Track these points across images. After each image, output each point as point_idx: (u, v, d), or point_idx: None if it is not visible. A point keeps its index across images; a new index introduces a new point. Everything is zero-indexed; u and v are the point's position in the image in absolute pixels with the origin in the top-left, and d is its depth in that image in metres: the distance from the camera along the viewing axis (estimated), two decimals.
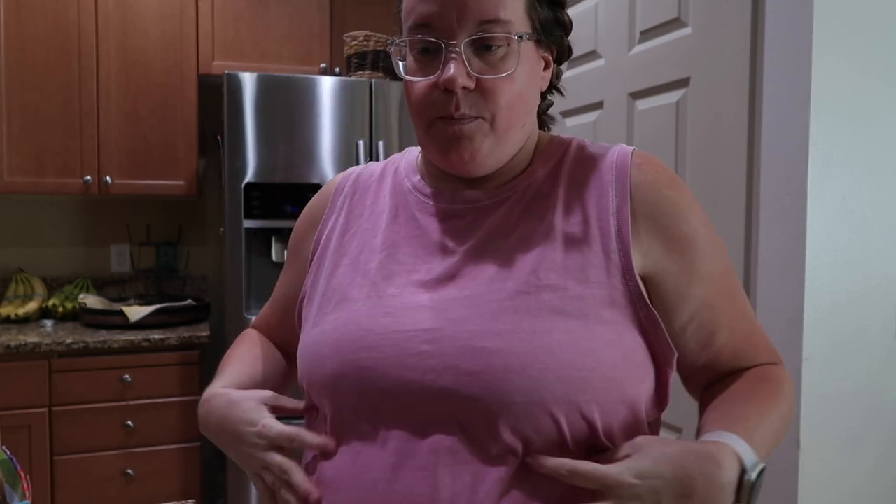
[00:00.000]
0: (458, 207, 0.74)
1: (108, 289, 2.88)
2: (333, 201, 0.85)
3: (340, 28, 2.77)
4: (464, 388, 0.64)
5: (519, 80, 0.69)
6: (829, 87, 1.20)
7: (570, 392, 0.63)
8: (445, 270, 0.71)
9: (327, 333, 0.72)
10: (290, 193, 2.35)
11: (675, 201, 0.71)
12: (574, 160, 0.75)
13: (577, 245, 0.69)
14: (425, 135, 0.72)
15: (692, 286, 0.71)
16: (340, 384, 0.69)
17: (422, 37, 0.68)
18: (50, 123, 2.51)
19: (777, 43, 1.27)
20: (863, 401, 1.26)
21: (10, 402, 2.24)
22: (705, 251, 0.72)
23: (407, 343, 0.67)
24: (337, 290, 0.75)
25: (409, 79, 0.71)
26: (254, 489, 2.34)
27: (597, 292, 0.66)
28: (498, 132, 0.70)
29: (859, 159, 1.23)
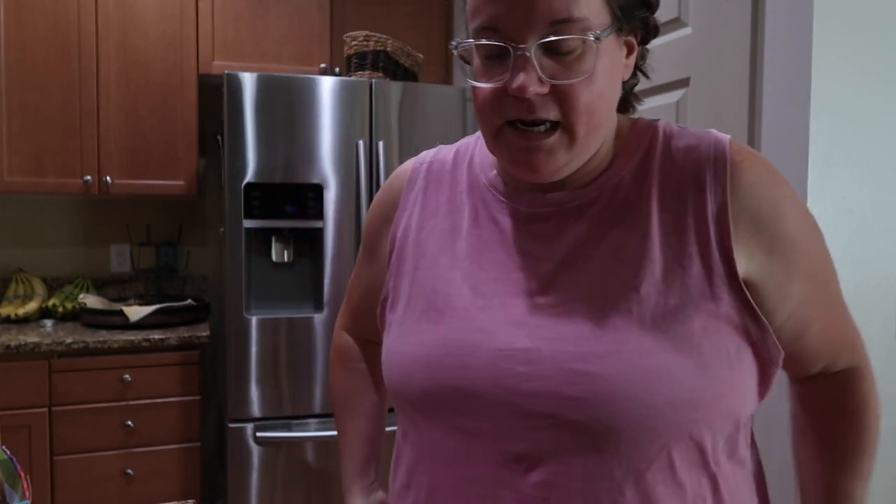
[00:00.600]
0: (542, 211, 0.69)
1: (108, 289, 2.88)
2: (406, 196, 0.79)
3: (340, 28, 2.77)
4: (566, 414, 0.60)
5: (598, 79, 0.62)
6: (829, 87, 1.20)
7: (679, 415, 0.60)
8: (535, 282, 0.66)
9: (415, 347, 0.69)
10: (290, 193, 2.35)
11: (778, 200, 0.66)
12: (664, 154, 0.68)
13: (676, 255, 0.64)
14: (493, 142, 0.66)
15: (792, 284, 0.67)
16: (431, 403, 0.67)
17: (486, 42, 0.62)
18: (50, 123, 2.51)
19: (777, 43, 1.27)
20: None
21: (10, 402, 2.24)
22: (805, 247, 0.68)
23: (503, 363, 0.63)
24: (421, 296, 0.72)
25: (475, 84, 0.64)
26: (254, 489, 2.34)
27: (701, 307, 0.62)
28: (578, 140, 0.63)
29: (859, 159, 1.23)
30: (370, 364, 0.94)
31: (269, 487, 2.36)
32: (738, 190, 0.64)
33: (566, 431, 0.61)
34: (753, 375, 0.66)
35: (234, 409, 2.33)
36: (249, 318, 2.32)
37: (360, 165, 2.36)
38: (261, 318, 2.33)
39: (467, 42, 0.65)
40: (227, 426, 2.34)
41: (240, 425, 2.34)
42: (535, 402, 0.61)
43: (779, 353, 0.66)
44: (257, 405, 2.34)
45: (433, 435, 0.68)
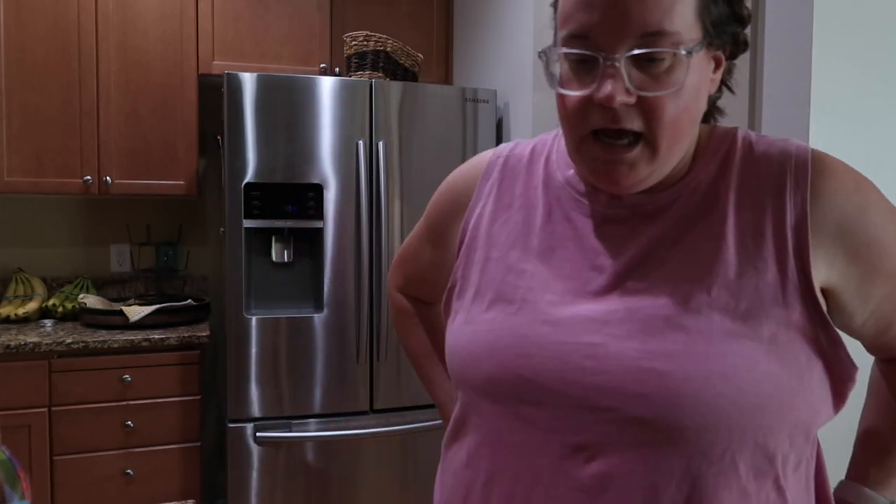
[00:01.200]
0: (618, 212, 0.69)
1: (108, 289, 2.88)
2: (480, 187, 0.80)
3: (340, 28, 2.77)
4: (630, 410, 0.61)
5: (685, 93, 0.62)
6: (829, 87, 1.20)
7: (744, 419, 0.60)
8: (606, 281, 0.67)
9: (482, 335, 0.69)
10: (290, 193, 2.35)
11: (862, 205, 0.65)
12: (743, 160, 0.67)
13: (752, 261, 0.63)
14: (577, 151, 0.66)
15: (875, 285, 0.66)
16: (496, 390, 0.68)
17: (576, 51, 0.62)
18: (50, 123, 2.51)
19: (777, 43, 1.27)
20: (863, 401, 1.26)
21: (10, 402, 2.24)
22: (889, 247, 0.66)
23: (568, 356, 0.64)
24: (490, 286, 0.72)
25: (563, 91, 0.64)
26: (254, 489, 2.34)
27: (772, 313, 0.62)
28: (660, 154, 0.63)
29: (859, 159, 1.23)
30: (424, 321, 1.00)
31: (269, 487, 2.36)
32: (819, 197, 0.64)
33: (628, 426, 0.61)
34: (825, 388, 0.65)
35: (234, 409, 2.33)
36: (249, 318, 2.32)
37: (360, 165, 2.36)
38: (261, 318, 2.33)
39: (557, 50, 0.64)
40: (227, 426, 2.34)
41: (240, 425, 2.34)
42: (598, 395, 0.62)
43: (853, 368, 0.65)
44: (257, 405, 2.34)
45: (496, 420, 0.68)
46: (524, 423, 0.66)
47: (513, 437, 0.67)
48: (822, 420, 0.67)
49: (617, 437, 0.61)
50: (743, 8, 0.67)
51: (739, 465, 0.61)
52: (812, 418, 0.65)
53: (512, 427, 0.67)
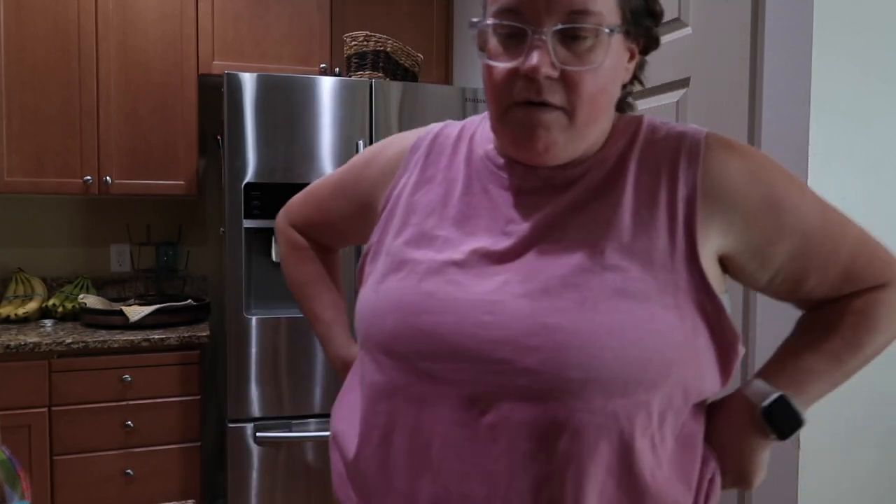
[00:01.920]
0: (531, 184, 0.73)
1: (108, 289, 2.88)
2: (408, 160, 0.83)
3: (340, 28, 2.77)
4: (520, 361, 0.64)
5: (604, 73, 0.67)
6: (829, 87, 1.20)
7: (627, 372, 0.63)
8: (512, 244, 0.70)
9: (390, 293, 0.73)
10: (290, 193, 2.33)
11: (753, 170, 0.70)
12: (646, 141, 0.73)
13: (645, 229, 0.68)
14: (500, 120, 0.70)
15: (776, 244, 0.70)
16: (397, 344, 0.71)
17: (506, 23, 0.67)
18: (50, 123, 2.51)
19: (777, 43, 1.27)
20: (863, 400, 1.26)
21: (10, 402, 2.24)
22: (786, 206, 0.70)
23: (468, 312, 0.67)
24: (403, 251, 0.75)
25: (490, 63, 0.68)
26: (254, 489, 2.34)
27: (660, 277, 0.66)
28: (577, 126, 0.68)
29: (859, 159, 1.23)
30: (321, 254, 1.02)
31: (269, 487, 2.36)
32: (711, 171, 0.69)
33: (519, 377, 0.64)
34: (710, 355, 0.69)
35: (234, 409, 2.33)
36: (249, 318, 2.32)
37: None
38: (261, 318, 2.33)
39: (487, 21, 0.68)
40: (227, 426, 2.34)
41: (240, 425, 2.34)
42: (493, 348, 0.65)
43: (734, 335, 0.69)
44: (257, 405, 2.34)
45: (395, 376, 0.71)
46: (423, 377, 0.69)
47: (411, 390, 0.70)
48: (706, 387, 0.70)
49: (509, 388, 0.64)
50: (656, 4, 0.73)
51: (620, 418, 0.64)
52: (695, 382, 0.68)
53: (410, 381, 0.70)
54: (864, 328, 0.74)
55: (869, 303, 0.74)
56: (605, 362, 0.62)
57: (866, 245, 0.76)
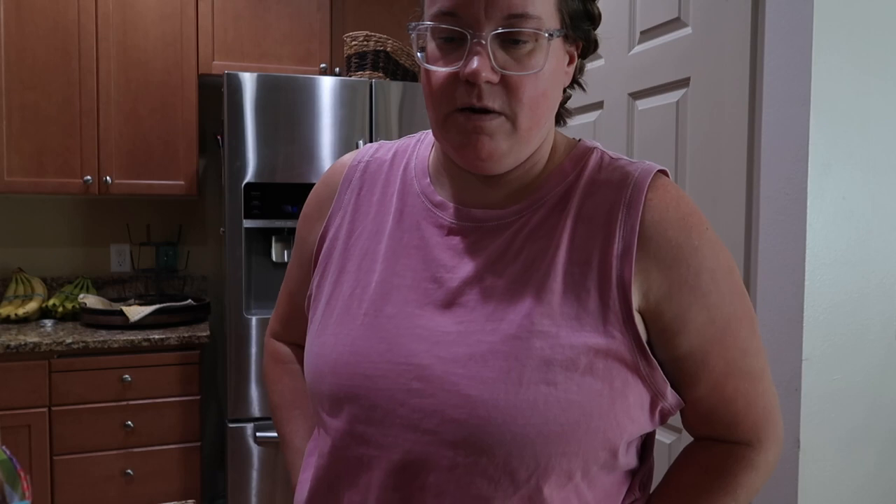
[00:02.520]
0: (464, 225, 0.72)
1: (108, 289, 2.88)
2: (341, 195, 0.81)
3: (340, 28, 2.77)
4: (447, 434, 0.64)
5: (545, 77, 0.66)
6: (829, 87, 1.20)
7: (550, 445, 0.63)
8: (443, 296, 0.69)
9: (327, 349, 0.72)
10: (290, 193, 2.35)
11: (679, 244, 0.67)
12: (587, 185, 0.70)
13: (576, 289, 0.66)
14: (441, 127, 0.68)
15: (679, 335, 0.68)
16: (336, 406, 0.71)
17: (445, 26, 0.65)
18: (50, 123, 2.51)
19: (777, 43, 1.27)
20: (863, 401, 1.26)
21: (10, 402, 2.24)
22: (701, 298, 0.67)
23: (398, 377, 0.67)
24: (340, 299, 0.75)
25: (429, 67, 0.67)
26: (254, 489, 2.35)
27: (590, 341, 0.64)
28: (520, 131, 0.66)
29: (859, 160, 1.23)
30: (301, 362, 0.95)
31: (269, 487, 2.36)
32: (645, 227, 0.67)
33: (446, 448, 0.64)
34: (642, 406, 0.68)
35: (234, 409, 2.33)
36: (249, 317, 2.32)
37: None
38: (261, 317, 2.33)
39: (425, 24, 0.67)
40: (227, 426, 2.34)
41: (240, 425, 2.34)
42: (422, 417, 0.65)
43: (665, 385, 0.68)
44: (257, 405, 2.34)
45: (336, 436, 0.72)
46: (358, 440, 0.69)
47: (349, 451, 0.70)
48: (636, 431, 0.69)
49: (437, 457, 0.65)
50: (595, 7, 0.72)
51: (543, 487, 0.65)
52: (619, 436, 0.67)
53: (348, 443, 0.70)
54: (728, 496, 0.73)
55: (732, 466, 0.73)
56: (528, 438, 0.63)
57: (758, 388, 0.73)
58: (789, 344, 1.23)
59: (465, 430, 0.64)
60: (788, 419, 1.22)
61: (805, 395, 1.21)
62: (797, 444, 1.21)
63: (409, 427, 0.66)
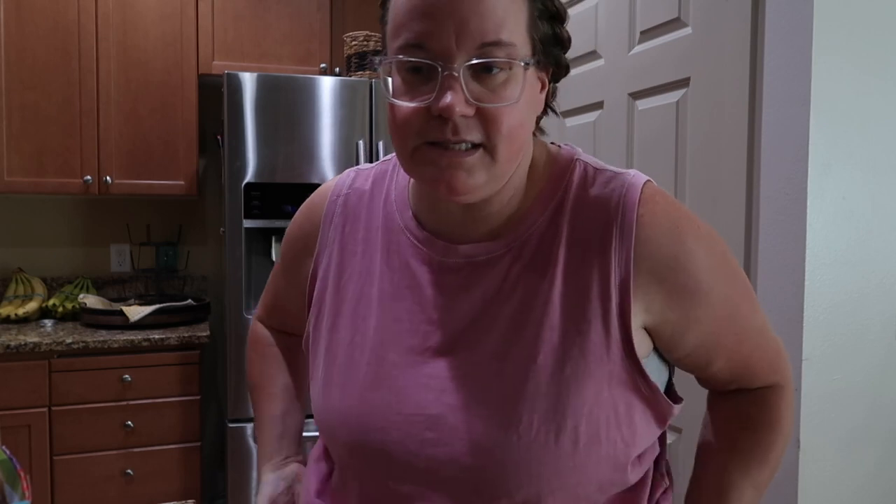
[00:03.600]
0: (453, 262, 0.70)
1: (108, 289, 2.88)
2: (325, 232, 0.80)
3: (340, 28, 2.77)
4: (464, 480, 0.65)
5: (520, 107, 0.63)
6: (829, 87, 1.20)
7: (566, 481, 0.64)
8: (442, 339, 0.69)
9: (335, 402, 0.73)
10: (290, 193, 2.35)
11: (674, 254, 0.66)
12: (574, 207, 0.69)
13: (577, 322, 0.65)
14: (409, 160, 0.65)
15: (688, 333, 0.70)
16: (350, 458, 0.73)
17: (414, 59, 0.61)
18: (50, 123, 2.51)
19: (777, 43, 1.27)
20: (863, 401, 1.26)
21: (10, 402, 2.24)
22: (704, 298, 0.69)
23: (411, 428, 0.67)
24: (340, 346, 0.74)
25: (396, 102, 0.63)
26: (254, 489, 2.34)
27: (596, 372, 0.65)
28: (499, 163, 0.63)
29: (859, 160, 1.23)
30: (283, 349, 0.96)
31: None
32: (639, 246, 0.66)
33: (463, 493, 0.66)
34: (647, 422, 0.69)
35: (234, 409, 2.33)
36: (249, 317, 2.31)
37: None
38: None
39: (394, 58, 0.63)
40: (227, 426, 2.34)
41: (240, 425, 2.34)
42: (438, 466, 0.66)
43: (669, 406, 0.70)
44: None
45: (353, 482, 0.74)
46: (375, 486, 0.71)
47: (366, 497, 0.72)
48: (644, 445, 0.71)
49: (454, 501, 0.66)
50: (564, 31, 0.69)
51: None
52: (627, 455, 0.68)
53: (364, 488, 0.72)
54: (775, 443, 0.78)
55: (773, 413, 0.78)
56: (544, 478, 0.64)
57: (766, 341, 0.77)
58: (789, 344, 1.23)
59: (481, 476, 0.65)
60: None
61: (805, 395, 1.21)
62: (797, 444, 1.21)
63: (428, 476, 0.67)
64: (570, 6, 1.99)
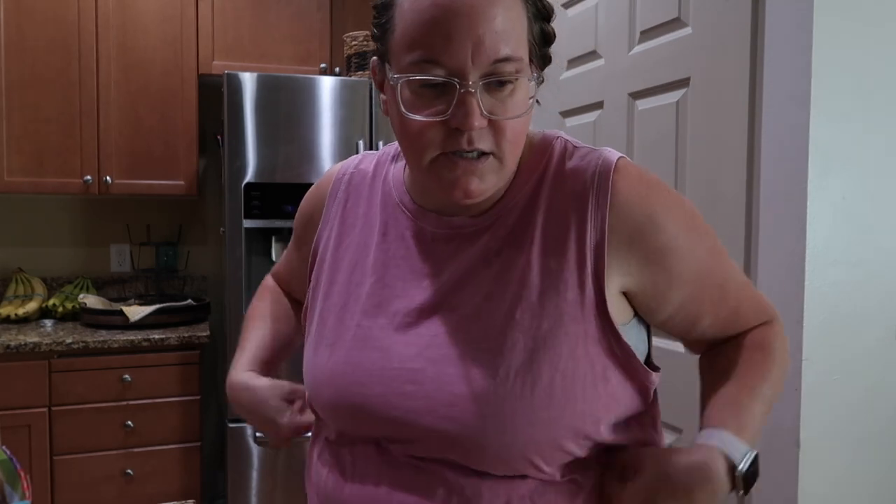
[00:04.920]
0: (444, 232, 0.75)
1: (108, 289, 2.88)
2: (328, 208, 0.85)
3: (340, 28, 2.77)
4: (442, 430, 0.68)
5: (525, 117, 0.69)
6: (829, 86, 1.20)
7: (540, 432, 0.67)
8: (429, 300, 0.73)
9: (322, 362, 0.76)
10: (290, 193, 2.35)
11: (649, 214, 0.70)
12: (554, 178, 0.73)
13: (553, 283, 0.69)
14: (426, 171, 0.69)
15: (671, 290, 0.73)
16: (336, 414, 0.76)
17: (431, 77, 0.64)
18: (50, 123, 2.51)
19: (777, 43, 1.27)
20: (863, 401, 1.26)
21: (10, 402, 2.24)
22: (682, 254, 0.72)
23: (392, 382, 0.71)
24: (332, 311, 0.78)
25: (412, 117, 0.66)
26: (254, 489, 2.35)
27: (571, 330, 0.68)
28: (506, 166, 0.69)
29: (859, 159, 1.23)
30: (288, 298, 1.02)
31: (269, 487, 2.36)
32: (614, 211, 0.69)
33: (442, 443, 0.68)
34: (626, 387, 0.72)
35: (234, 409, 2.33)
36: None
37: None
38: None
39: (410, 76, 0.65)
40: (227, 426, 2.34)
41: (240, 425, 2.34)
42: (417, 417, 0.69)
43: (647, 373, 0.73)
44: None
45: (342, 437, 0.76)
46: (366, 440, 0.74)
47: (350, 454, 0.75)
48: (624, 412, 0.72)
49: (436, 452, 0.69)
50: (550, 28, 0.73)
51: (541, 466, 0.69)
52: (611, 412, 0.71)
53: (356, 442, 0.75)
54: (768, 359, 0.79)
55: (762, 337, 0.80)
56: (519, 427, 0.66)
57: (747, 289, 0.81)
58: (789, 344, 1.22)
59: (459, 425, 0.67)
60: (788, 419, 1.22)
61: (805, 395, 1.21)
62: (797, 444, 1.21)
63: (408, 427, 0.70)
64: (571, 6, 1.99)
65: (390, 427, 0.71)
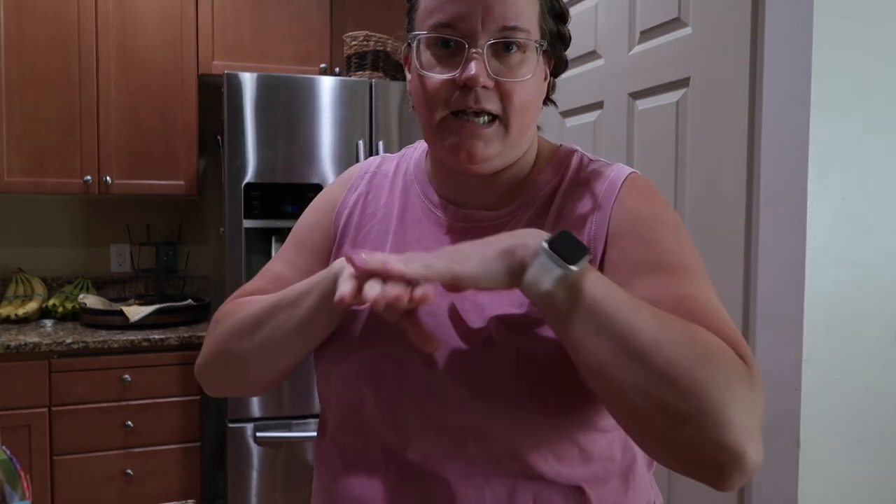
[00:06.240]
0: (461, 225, 0.78)
1: (108, 289, 2.88)
2: (347, 196, 0.86)
3: (340, 28, 2.77)
4: (455, 418, 0.69)
5: (531, 86, 0.73)
6: (829, 87, 1.20)
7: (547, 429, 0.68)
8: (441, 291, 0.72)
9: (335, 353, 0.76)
10: (290, 193, 2.35)
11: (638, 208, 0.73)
12: (569, 186, 0.77)
13: None
14: (435, 130, 0.73)
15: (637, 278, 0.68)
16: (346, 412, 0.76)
17: (445, 35, 0.71)
18: (50, 123, 2.51)
19: (777, 43, 1.27)
20: (863, 401, 1.26)
21: (10, 402, 2.24)
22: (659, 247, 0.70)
23: (405, 379, 0.71)
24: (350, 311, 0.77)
25: (427, 74, 0.72)
26: (254, 489, 2.35)
27: None
28: (511, 133, 0.73)
29: (859, 159, 1.23)
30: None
31: (269, 487, 2.36)
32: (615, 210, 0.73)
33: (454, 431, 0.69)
34: None
35: (234, 409, 2.33)
36: None
37: None
38: None
39: (427, 33, 0.73)
40: (227, 426, 2.34)
41: (240, 425, 2.34)
42: (434, 409, 0.70)
43: None
44: (257, 405, 2.34)
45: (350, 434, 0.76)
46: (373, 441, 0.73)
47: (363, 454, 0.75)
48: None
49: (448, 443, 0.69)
50: (566, 30, 0.79)
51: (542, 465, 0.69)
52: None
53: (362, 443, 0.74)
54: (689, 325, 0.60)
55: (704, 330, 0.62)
56: (531, 423, 0.68)
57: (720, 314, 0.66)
58: (789, 344, 1.23)
59: (471, 414, 0.68)
60: (788, 419, 1.22)
61: (805, 395, 1.21)
62: (797, 444, 1.21)
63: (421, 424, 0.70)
64: (570, 6, 1.99)
65: (401, 427, 0.71)
